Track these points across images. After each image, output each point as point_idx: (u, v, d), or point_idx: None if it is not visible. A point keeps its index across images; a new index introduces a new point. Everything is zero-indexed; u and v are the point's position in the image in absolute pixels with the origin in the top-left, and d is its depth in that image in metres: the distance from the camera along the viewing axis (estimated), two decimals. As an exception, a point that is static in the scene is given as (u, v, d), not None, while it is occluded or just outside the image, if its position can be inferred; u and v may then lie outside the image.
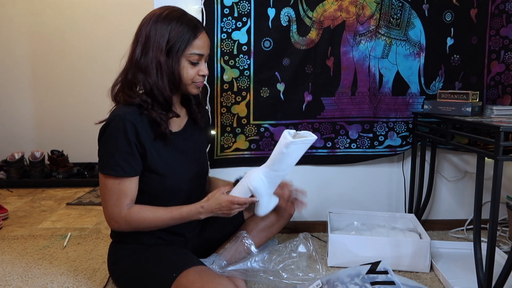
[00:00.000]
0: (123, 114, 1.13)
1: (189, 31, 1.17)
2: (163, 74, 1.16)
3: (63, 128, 3.29)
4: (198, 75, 1.22)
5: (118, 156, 1.12)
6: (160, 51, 1.15)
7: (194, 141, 1.34)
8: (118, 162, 1.12)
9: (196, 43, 1.18)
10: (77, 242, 1.77)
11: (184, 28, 1.16)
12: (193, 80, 1.22)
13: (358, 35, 1.73)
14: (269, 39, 1.70)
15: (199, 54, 1.20)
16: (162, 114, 1.19)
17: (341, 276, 1.19)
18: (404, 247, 1.49)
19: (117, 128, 1.12)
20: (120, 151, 1.12)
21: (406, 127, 1.82)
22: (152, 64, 1.15)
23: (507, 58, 1.78)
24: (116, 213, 1.15)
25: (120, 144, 1.12)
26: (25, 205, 2.36)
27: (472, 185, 1.89)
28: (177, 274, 1.10)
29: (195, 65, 1.21)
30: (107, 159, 1.13)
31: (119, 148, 1.12)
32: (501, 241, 1.77)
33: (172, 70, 1.17)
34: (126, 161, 1.13)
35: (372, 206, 1.90)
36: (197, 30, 1.19)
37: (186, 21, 1.18)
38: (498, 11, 1.76)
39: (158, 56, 1.15)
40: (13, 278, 1.43)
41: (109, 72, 3.70)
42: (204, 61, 1.24)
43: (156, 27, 1.16)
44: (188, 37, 1.17)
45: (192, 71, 1.21)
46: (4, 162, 2.87)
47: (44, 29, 3.21)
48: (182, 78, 1.20)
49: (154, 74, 1.16)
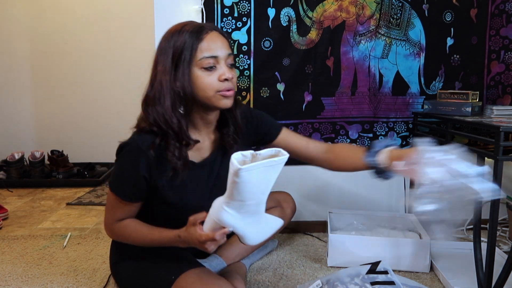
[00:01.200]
0: (141, 143, 1.03)
1: (192, 36, 1.02)
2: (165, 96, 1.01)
3: (63, 128, 3.29)
4: (219, 80, 1.03)
5: (124, 182, 1.09)
6: (165, 71, 1.02)
7: (221, 171, 1.15)
8: (124, 187, 1.09)
9: (203, 45, 1.02)
10: (77, 242, 1.77)
11: (185, 35, 1.02)
12: (216, 89, 1.03)
13: (358, 35, 1.73)
14: (269, 39, 1.70)
15: (212, 56, 1.02)
16: (176, 147, 1.04)
17: (341, 276, 1.19)
18: (404, 247, 1.49)
19: (129, 157, 1.05)
20: (127, 179, 1.08)
21: (406, 127, 1.82)
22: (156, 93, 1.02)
23: (507, 58, 1.78)
24: (109, 223, 1.16)
25: (128, 173, 1.07)
26: (25, 205, 2.36)
27: (472, 185, 1.89)
28: (176, 277, 1.10)
29: (212, 70, 1.03)
30: (116, 179, 1.11)
31: (126, 176, 1.08)
32: (501, 241, 1.77)
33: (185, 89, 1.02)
34: (129, 189, 1.09)
35: (372, 206, 1.90)
36: (202, 32, 1.03)
37: (188, 28, 1.04)
38: (498, 11, 1.76)
39: (161, 78, 1.02)
40: (13, 278, 1.43)
41: (109, 72, 3.73)
42: (223, 63, 1.05)
43: (161, 50, 1.04)
44: (192, 41, 1.01)
45: (210, 79, 1.03)
46: (4, 162, 2.87)
47: (44, 29, 3.21)
48: (198, 91, 1.03)
49: (157, 100, 1.02)
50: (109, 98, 3.21)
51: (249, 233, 1.01)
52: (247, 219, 0.99)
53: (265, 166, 0.91)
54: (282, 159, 0.91)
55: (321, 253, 1.66)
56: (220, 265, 1.36)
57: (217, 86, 1.03)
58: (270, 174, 0.94)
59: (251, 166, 0.89)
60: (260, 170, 0.90)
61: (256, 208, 1.00)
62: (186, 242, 1.03)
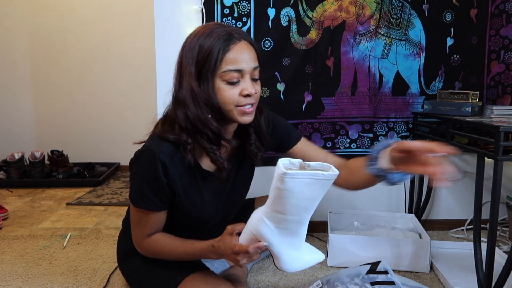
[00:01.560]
0: (157, 151, 0.99)
1: (218, 44, 0.95)
2: (201, 104, 0.97)
3: (63, 128, 3.29)
4: (241, 95, 0.98)
5: (147, 191, 1.03)
6: (191, 76, 0.97)
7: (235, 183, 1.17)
8: (149, 196, 1.04)
9: (228, 58, 0.95)
10: (77, 242, 1.77)
11: (213, 41, 0.96)
12: (235, 104, 0.99)
13: (358, 35, 1.73)
14: (269, 39, 1.70)
15: (237, 69, 0.97)
16: (213, 148, 1.01)
17: (341, 276, 1.19)
18: (404, 247, 1.49)
19: (148, 164, 1.01)
20: (150, 187, 1.03)
21: (406, 127, 1.82)
22: (187, 94, 0.98)
23: (507, 58, 1.78)
24: (139, 241, 1.13)
25: (150, 180, 1.02)
26: (25, 205, 2.36)
27: (472, 185, 1.88)
28: (182, 278, 1.10)
29: (235, 85, 0.98)
30: (138, 192, 1.05)
31: (149, 184, 1.03)
32: (501, 241, 1.77)
33: (208, 96, 0.97)
34: (156, 196, 1.04)
35: (372, 206, 1.90)
36: (230, 41, 0.96)
37: (217, 33, 0.97)
38: (498, 11, 1.76)
39: (190, 83, 0.97)
40: (13, 278, 1.43)
41: (109, 71, 3.74)
42: (248, 78, 0.99)
43: (186, 49, 1.00)
44: (218, 51, 0.95)
45: (232, 93, 0.98)
46: (4, 162, 2.87)
47: (44, 29, 3.21)
48: (220, 104, 0.98)
49: (192, 105, 0.97)
50: (109, 98, 3.21)
51: (285, 255, 0.97)
52: (285, 238, 0.95)
53: (312, 178, 0.85)
54: (332, 175, 0.85)
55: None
56: (222, 266, 1.36)
57: (238, 101, 0.99)
58: (316, 188, 0.87)
59: (298, 173, 0.84)
60: (306, 180, 0.85)
61: (296, 227, 0.95)
62: (218, 253, 1.01)
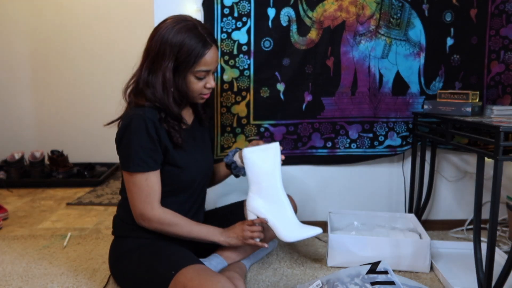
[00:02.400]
0: (143, 113, 1.17)
1: (197, 49, 1.18)
2: (169, 91, 1.20)
3: (63, 128, 3.29)
4: (204, 87, 1.26)
5: (143, 153, 1.17)
6: (168, 69, 1.19)
7: (201, 137, 1.41)
8: (143, 158, 1.17)
9: (203, 61, 1.21)
10: (77, 242, 1.77)
11: (192, 45, 1.18)
12: (200, 93, 1.26)
13: (358, 35, 1.73)
14: (269, 39, 1.70)
15: (207, 70, 1.23)
16: (175, 124, 1.24)
17: (341, 276, 1.19)
18: (404, 247, 1.49)
19: (139, 126, 1.16)
20: (145, 148, 1.17)
21: (406, 127, 1.82)
22: (159, 80, 1.19)
23: (507, 58, 1.78)
24: (148, 210, 1.20)
25: (143, 141, 1.17)
26: (25, 205, 2.36)
27: (472, 185, 1.90)
28: (175, 272, 1.11)
29: (202, 80, 1.24)
30: (133, 157, 1.17)
31: (143, 145, 1.17)
32: (501, 241, 1.77)
33: (178, 86, 1.22)
34: (150, 157, 1.18)
35: (372, 206, 1.90)
36: (206, 48, 1.20)
37: (195, 37, 1.19)
38: (498, 11, 1.76)
39: (165, 73, 1.19)
40: (13, 278, 1.43)
41: (109, 71, 3.73)
42: (211, 74, 1.27)
43: (166, 43, 1.18)
44: (196, 54, 1.18)
45: (199, 85, 1.24)
46: (4, 162, 2.87)
47: (44, 28, 3.21)
48: (189, 92, 1.25)
49: (161, 91, 1.20)
50: (109, 98, 3.20)
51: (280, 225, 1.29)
52: (271, 206, 1.31)
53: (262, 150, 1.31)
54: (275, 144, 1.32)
55: (321, 253, 1.66)
56: (220, 264, 1.36)
57: (201, 91, 1.26)
58: (269, 156, 1.30)
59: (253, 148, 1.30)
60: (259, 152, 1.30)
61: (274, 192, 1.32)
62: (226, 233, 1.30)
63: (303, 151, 1.82)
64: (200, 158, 1.35)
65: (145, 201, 1.20)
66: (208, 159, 1.43)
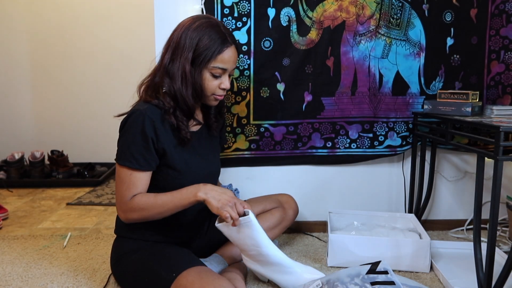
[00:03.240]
0: (143, 109, 1.17)
1: (215, 44, 1.19)
2: (188, 83, 1.20)
3: (63, 128, 3.29)
4: (219, 88, 1.25)
5: (134, 149, 1.16)
6: (186, 60, 1.19)
7: (207, 143, 1.38)
8: (134, 154, 1.16)
9: (220, 58, 1.21)
10: (77, 242, 1.77)
11: (211, 40, 1.19)
12: (213, 92, 1.26)
13: (358, 35, 1.73)
14: (269, 39, 1.70)
15: (222, 68, 1.22)
16: (184, 119, 1.23)
17: (341, 276, 1.19)
18: (404, 247, 1.49)
19: (136, 122, 1.16)
20: (136, 144, 1.16)
21: (406, 127, 1.82)
22: (178, 72, 1.19)
23: (507, 58, 1.78)
24: (123, 202, 1.18)
25: (137, 137, 1.16)
26: (25, 205, 2.36)
27: (472, 185, 1.89)
28: (177, 274, 1.11)
29: (217, 78, 1.24)
30: (124, 150, 1.18)
31: (135, 141, 1.16)
32: (501, 241, 1.77)
33: (195, 80, 1.21)
34: (141, 155, 1.17)
35: (372, 206, 1.90)
36: (224, 45, 1.20)
37: (216, 33, 1.20)
38: (498, 11, 1.76)
39: (184, 64, 1.19)
40: (13, 278, 1.43)
41: (109, 71, 3.73)
42: (227, 75, 1.26)
43: (187, 35, 1.19)
44: (214, 50, 1.19)
45: (213, 84, 1.24)
46: (4, 162, 2.87)
47: (44, 29, 3.21)
48: (203, 89, 1.24)
49: (179, 82, 1.20)
50: (109, 98, 3.21)
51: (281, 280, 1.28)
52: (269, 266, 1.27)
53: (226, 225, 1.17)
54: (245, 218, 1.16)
55: (321, 253, 1.66)
56: (221, 265, 1.36)
57: (215, 91, 1.26)
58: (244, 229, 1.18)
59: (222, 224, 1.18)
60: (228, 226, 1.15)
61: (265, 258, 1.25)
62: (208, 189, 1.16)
63: (303, 151, 1.82)
64: (203, 164, 1.32)
65: (123, 194, 1.18)
66: (212, 165, 1.39)
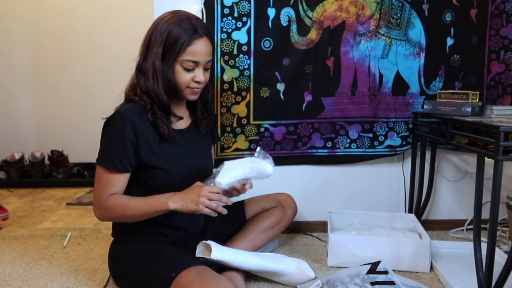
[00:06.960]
0: (123, 111, 1.17)
1: (184, 36, 1.16)
2: (159, 79, 1.19)
3: (63, 128, 3.29)
4: (193, 81, 1.22)
5: (110, 150, 1.17)
6: (157, 55, 1.17)
7: (196, 141, 1.36)
8: (110, 156, 1.17)
9: (191, 50, 1.17)
10: (77, 242, 1.77)
11: (180, 32, 1.16)
12: (187, 85, 1.22)
13: (358, 35, 1.73)
14: (269, 39, 1.70)
15: (193, 61, 1.19)
16: (162, 116, 1.21)
17: (341, 276, 1.19)
18: (404, 247, 1.49)
19: (116, 124, 1.17)
20: (114, 146, 1.17)
21: (406, 127, 1.82)
22: (149, 68, 1.19)
23: (507, 58, 1.78)
24: (98, 201, 1.20)
25: (114, 139, 1.16)
26: (25, 205, 2.36)
27: (472, 185, 1.89)
28: (176, 274, 1.10)
29: (190, 71, 1.21)
30: (102, 150, 1.19)
31: (113, 143, 1.17)
32: (501, 241, 1.77)
33: (166, 75, 1.19)
34: (117, 157, 1.16)
35: (372, 206, 1.90)
36: (194, 36, 1.17)
37: (185, 26, 1.17)
38: (498, 11, 1.76)
39: (154, 60, 1.18)
40: (13, 278, 1.43)
41: (109, 72, 3.73)
42: (201, 68, 1.22)
43: (157, 30, 1.18)
44: (183, 42, 1.16)
45: (186, 77, 1.21)
46: (4, 162, 2.87)
47: (44, 29, 3.21)
48: (176, 84, 1.21)
49: (151, 79, 1.19)
50: (109, 98, 3.21)
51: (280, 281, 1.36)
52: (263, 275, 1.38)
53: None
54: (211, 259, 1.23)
55: (321, 253, 1.66)
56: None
57: (189, 84, 1.22)
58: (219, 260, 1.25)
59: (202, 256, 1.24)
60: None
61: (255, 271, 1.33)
62: (178, 198, 1.14)
63: (303, 151, 1.82)
64: (192, 162, 1.29)
65: (99, 192, 1.19)
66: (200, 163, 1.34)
